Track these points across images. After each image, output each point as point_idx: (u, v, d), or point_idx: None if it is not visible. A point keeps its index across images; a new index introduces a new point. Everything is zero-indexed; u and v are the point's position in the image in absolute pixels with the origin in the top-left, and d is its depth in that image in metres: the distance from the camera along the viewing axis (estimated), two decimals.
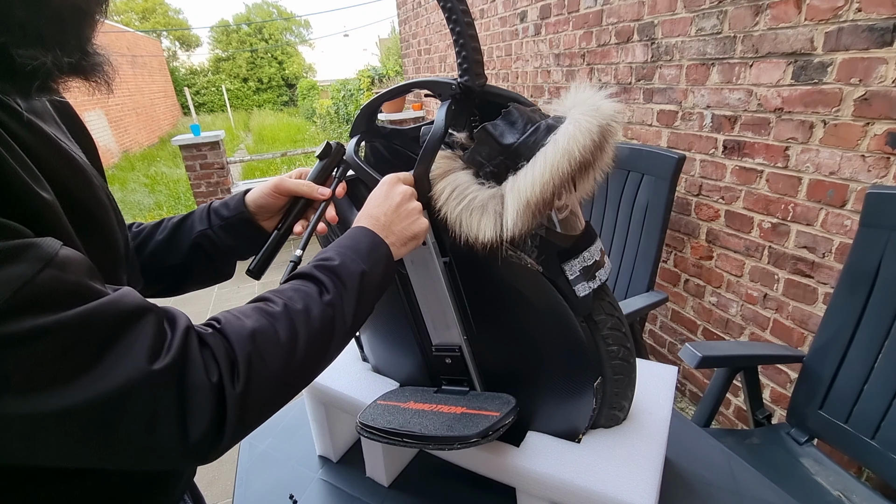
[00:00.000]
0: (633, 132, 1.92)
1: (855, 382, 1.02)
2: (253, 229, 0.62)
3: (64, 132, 0.48)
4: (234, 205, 0.62)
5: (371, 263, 0.50)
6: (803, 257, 1.36)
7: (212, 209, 0.62)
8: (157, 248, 0.61)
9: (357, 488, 0.79)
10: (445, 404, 0.64)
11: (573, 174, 0.50)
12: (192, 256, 0.61)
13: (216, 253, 0.62)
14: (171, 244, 0.61)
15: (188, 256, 0.61)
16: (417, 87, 0.63)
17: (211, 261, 0.62)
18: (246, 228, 0.61)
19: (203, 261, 0.62)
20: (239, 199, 0.62)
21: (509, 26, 2.74)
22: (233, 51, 22.21)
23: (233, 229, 0.61)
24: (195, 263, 0.62)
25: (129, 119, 11.22)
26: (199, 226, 0.61)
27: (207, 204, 0.63)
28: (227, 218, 0.61)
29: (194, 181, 3.82)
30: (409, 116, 4.34)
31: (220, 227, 0.61)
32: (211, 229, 0.61)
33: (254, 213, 0.61)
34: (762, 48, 1.35)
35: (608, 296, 0.62)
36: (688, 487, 0.73)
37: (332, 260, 0.48)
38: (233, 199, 0.62)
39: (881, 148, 1.13)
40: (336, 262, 0.48)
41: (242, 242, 0.62)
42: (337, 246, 0.50)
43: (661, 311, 1.99)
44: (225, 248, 0.61)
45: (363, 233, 0.52)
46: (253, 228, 0.62)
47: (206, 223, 0.61)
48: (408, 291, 0.66)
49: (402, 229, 0.54)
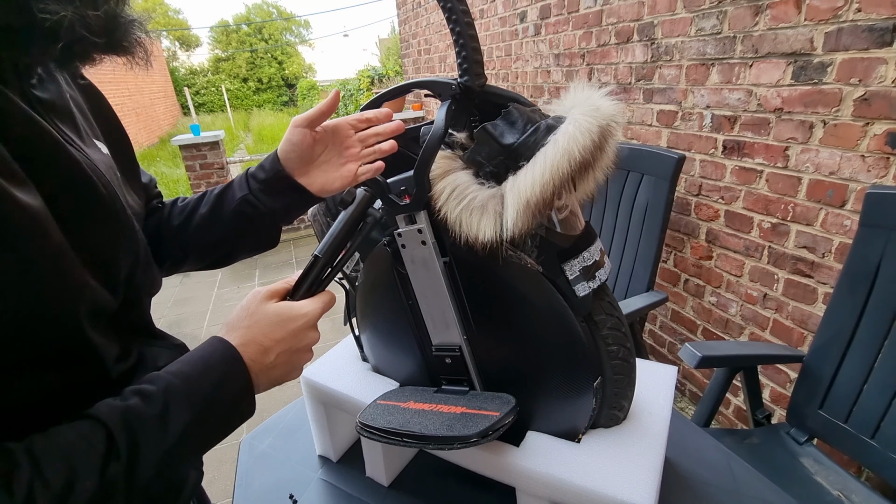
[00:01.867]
0: (633, 132, 1.92)
1: (855, 382, 1.03)
2: (292, 187, 0.59)
3: (81, 129, 0.46)
4: (269, 165, 0.59)
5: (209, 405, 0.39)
6: (803, 257, 1.36)
7: (249, 174, 0.60)
8: (202, 221, 0.60)
9: (357, 488, 0.79)
10: (445, 404, 0.64)
11: (573, 174, 0.50)
12: (235, 226, 0.59)
13: (259, 218, 0.59)
14: (215, 216, 0.60)
15: (232, 226, 0.59)
16: (417, 87, 0.63)
17: (255, 228, 0.60)
18: (285, 186, 0.59)
19: (248, 228, 0.60)
20: (273, 158, 0.59)
21: (509, 26, 2.74)
22: (233, 51, 22.21)
23: (272, 189, 0.59)
24: (240, 232, 0.60)
25: (129, 119, 11.21)
26: (238, 192, 0.59)
27: (246, 170, 0.61)
28: (265, 180, 0.59)
29: (194, 181, 3.82)
30: (409, 116, 4.35)
31: (260, 189, 0.58)
32: (251, 194, 0.58)
33: (287, 166, 0.58)
34: (762, 48, 1.35)
35: (608, 296, 0.62)
36: (688, 487, 0.73)
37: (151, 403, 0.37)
38: (267, 159, 0.60)
39: (881, 148, 1.13)
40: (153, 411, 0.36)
41: (283, 202, 0.60)
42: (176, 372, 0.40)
43: (661, 311, 1.99)
44: (267, 211, 0.59)
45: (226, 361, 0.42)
46: (291, 185, 0.59)
47: (245, 189, 0.59)
48: (408, 291, 0.67)
49: (279, 377, 0.46)
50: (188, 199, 0.64)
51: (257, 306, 0.46)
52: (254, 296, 0.47)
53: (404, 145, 0.69)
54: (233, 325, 0.45)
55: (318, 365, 0.85)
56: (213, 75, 21.89)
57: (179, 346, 0.56)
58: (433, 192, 0.56)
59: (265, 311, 0.46)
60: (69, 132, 0.43)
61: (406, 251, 0.62)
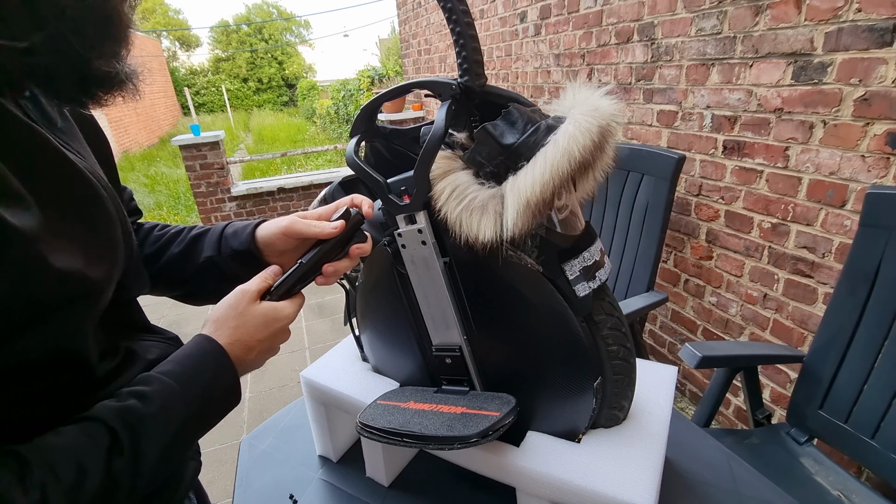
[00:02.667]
0: (633, 132, 1.92)
1: (855, 382, 1.03)
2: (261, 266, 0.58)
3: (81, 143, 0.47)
4: (244, 237, 0.59)
5: (203, 402, 0.43)
6: (803, 257, 1.36)
7: (224, 235, 0.60)
8: (172, 259, 0.61)
9: (357, 488, 0.79)
10: (445, 404, 0.64)
11: (573, 174, 0.50)
12: (201, 277, 0.60)
13: (223, 279, 0.60)
14: (184, 260, 0.60)
15: (198, 275, 0.60)
16: (417, 87, 0.63)
17: (218, 283, 0.61)
18: (254, 263, 0.59)
19: (211, 283, 0.61)
20: (249, 233, 0.59)
21: (509, 26, 2.74)
22: (233, 51, 22.21)
23: (240, 261, 0.59)
24: (204, 284, 0.61)
25: (129, 119, 11.22)
26: (208, 250, 0.60)
27: (223, 226, 0.61)
28: (236, 249, 0.59)
29: (194, 181, 3.82)
30: (409, 116, 4.35)
31: (229, 256, 0.59)
32: (219, 255, 0.59)
33: (262, 249, 0.59)
34: (762, 48, 1.35)
35: (608, 296, 0.62)
36: (688, 487, 0.73)
37: (149, 402, 0.39)
38: (245, 229, 0.60)
39: (881, 148, 1.13)
40: (151, 410, 0.39)
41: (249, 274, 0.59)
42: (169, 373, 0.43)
43: (661, 311, 2.00)
44: (232, 276, 0.59)
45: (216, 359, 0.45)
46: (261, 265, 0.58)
47: (215, 249, 0.60)
48: (408, 291, 0.67)
49: (254, 367, 0.50)
50: (166, 229, 0.63)
51: (245, 307, 0.49)
52: (242, 294, 0.49)
53: (404, 145, 0.69)
54: (220, 323, 0.47)
55: (318, 365, 0.85)
56: (214, 75, 21.91)
57: (174, 338, 0.57)
58: (433, 192, 0.56)
59: (253, 312, 0.48)
60: (67, 139, 0.43)
61: (406, 251, 0.62)
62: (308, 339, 2.70)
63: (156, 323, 0.56)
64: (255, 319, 0.48)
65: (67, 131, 0.45)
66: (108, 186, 0.45)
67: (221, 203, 3.93)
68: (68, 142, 0.43)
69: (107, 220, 0.42)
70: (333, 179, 0.81)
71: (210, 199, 3.89)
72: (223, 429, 2.01)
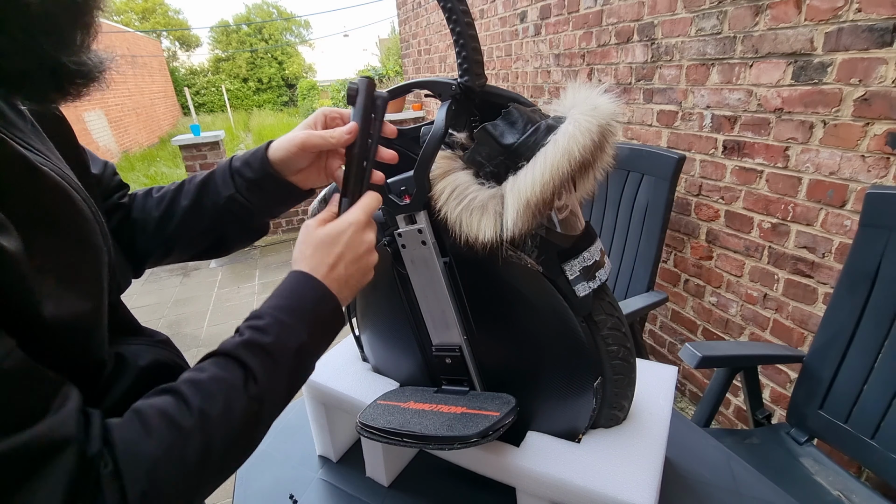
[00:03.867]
0: (633, 132, 1.92)
1: (855, 382, 1.03)
2: (282, 186, 0.57)
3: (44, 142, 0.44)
4: (257, 164, 0.56)
5: (313, 327, 0.46)
6: (803, 257, 1.36)
7: (234, 170, 0.57)
8: (185, 214, 0.58)
9: (357, 488, 0.79)
10: (445, 404, 0.64)
11: (573, 174, 0.50)
12: (222, 220, 0.58)
13: (247, 214, 0.58)
14: (199, 209, 0.58)
15: (219, 220, 0.58)
16: (417, 87, 0.63)
17: (243, 222, 0.59)
18: (275, 186, 0.57)
19: (235, 223, 0.59)
20: (262, 158, 0.56)
21: (509, 26, 2.74)
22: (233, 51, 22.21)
23: (260, 189, 0.57)
24: (228, 227, 0.59)
25: (129, 119, 11.22)
26: (224, 190, 0.57)
27: (227, 162, 0.58)
28: (253, 179, 0.56)
29: None
30: (409, 116, 4.35)
31: (247, 188, 0.57)
32: (238, 192, 0.57)
33: (279, 169, 0.56)
34: (762, 48, 1.35)
35: (608, 296, 0.62)
36: (688, 487, 0.73)
37: (265, 333, 0.43)
38: (255, 156, 0.57)
39: (881, 148, 1.13)
40: (269, 339, 0.42)
41: (273, 200, 0.59)
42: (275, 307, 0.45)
43: (661, 311, 2.00)
44: (255, 208, 0.58)
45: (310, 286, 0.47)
46: (282, 186, 0.57)
47: (231, 187, 0.57)
48: (408, 291, 0.67)
49: (356, 283, 0.51)
50: (163, 188, 0.61)
51: (310, 235, 0.50)
52: (305, 228, 0.51)
53: (404, 145, 0.69)
54: (298, 260, 0.49)
55: (318, 365, 0.84)
56: (214, 75, 21.90)
57: (163, 340, 0.55)
58: (433, 193, 0.56)
59: (318, 235, 0.49)
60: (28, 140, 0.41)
61: (406, 251, 0.62)
62: None
63: (155, 324, 0.55)
64: (322, 240, 0.49)
65: (27, 130, 0.42)
66: (78, 187, 0.42)
67: None
68: (31, 144, 0.41)
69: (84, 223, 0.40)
70: None
71: None
72: None
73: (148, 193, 0.62)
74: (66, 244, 0.38)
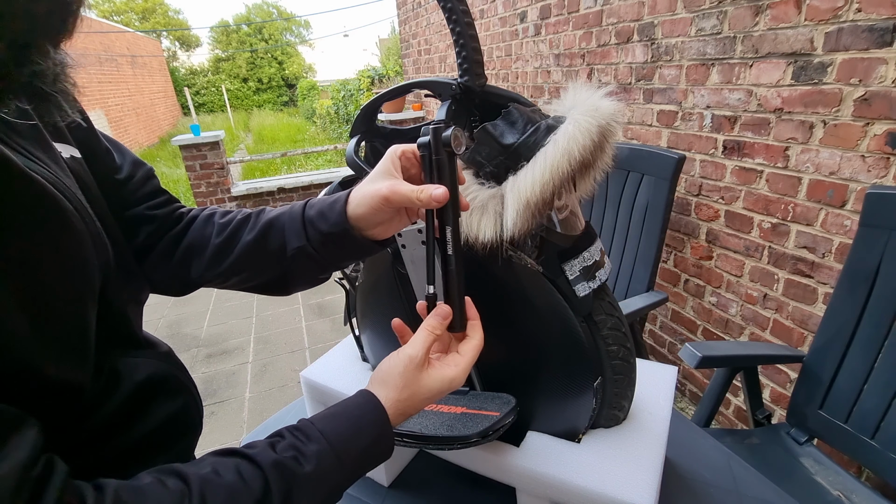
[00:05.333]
0: (633, 132, 1.92)
1: (855, 382, 1.03)
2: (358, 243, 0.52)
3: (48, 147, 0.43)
4: (334, 219, 0.51)
5: (359, 467, 0.42)
6: (803, 257, 1.36)
7: (307, 221, 0.52)
8: (248, 249, 0.54)
9: (357, 488, 0.79)
10: (445, 404, 0.64)
11: (573, 174, 0.50)
12: (288, 266, 0.54)
13: (315, 265, 0.54)
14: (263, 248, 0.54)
15: (283, 266, 0.54)
16: (417, 87, 0.63)
17: (309, 271, 0.55)
18: (350, 242, 0.51)
19: (300, 271, 0.55)
20: (340, 212, 0.50)
21: (509, 26, 2.74)
22: (233, 51, 22.21)
23: (334, 244, 0.52)
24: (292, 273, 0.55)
25: (129, 119, 11.23)
26: (295, 241, 0.52)
27: (301, 208, 0.54)
28: (327, 233, 0.51)
29: (194, 181, 3.82)
30: (409, 116, 4.35)
31: (320, 242, 0.52)
32: (310, 244, 0.52)
33: (357, 224, 0.51)
34: (762, 48, 1.35)
35: (608, 296, 0.62)
36: (688, 487, 0.73)
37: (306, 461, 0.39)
38: (332, 209, 0.51)
39: (881, 148, 1.13)
40: (306, 470, 0.39)
41: (347, 254, 0.55)
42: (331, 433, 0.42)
43: (661, 311, 2.00)
44: (325, 261, 0.54)
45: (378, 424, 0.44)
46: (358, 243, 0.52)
47: (303, 238, 0.52)
48: (408, 291, 0.67)
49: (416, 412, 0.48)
50: (229, 215, 0.58)
51: (415, 377, 0.46)
52: (409, 362, 0.46)
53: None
54: (390, 387, 0.45)
55: (318, 365, 0.85)
56: (213, 75, 21.91)
57: (166, 353, 0.53)
58: None
59: (426, 385, 0.46)
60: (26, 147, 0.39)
61: (406, 251, 0.62)
62: (308, 339, 2.70)
63: (155, 324, 0.54)
64: (428, 392, 0.46)
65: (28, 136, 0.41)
66: (74, 198, 0.40)
67: (221, 203, 3.93)
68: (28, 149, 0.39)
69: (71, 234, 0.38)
70: (333, 179, 0.81)
71: (210, 199, 3.89)
72: (223, 429, 2.01)
73: (212, 216, 0.58)
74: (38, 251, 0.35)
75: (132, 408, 0.44)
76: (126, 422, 0.43)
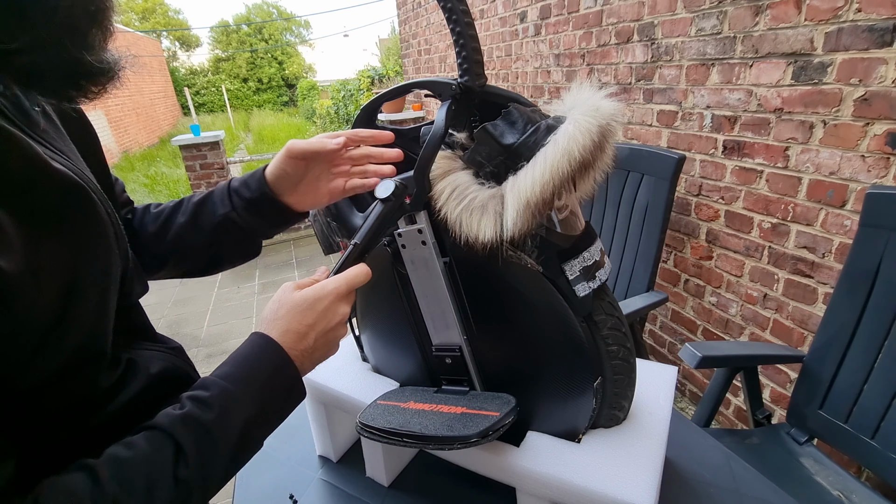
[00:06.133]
0: (633, 132, 1.92)
1: (855, 382, 1.03)
2: (277, 207, 0.58)
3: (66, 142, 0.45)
4: (254, 184, 0.57)
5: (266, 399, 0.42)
6: (803, 257, 1.36)
7: (232, 189, 0.58)
8: (181, 230, 0.59)
9: (357, 488, 0.79)
10: (445, 404, 0.64)
11: (573, 174, 0.50)
12: (217, 238, 0.59)
13: (241, 234, 0.59)
14: (195, 227, 0.59)
15: (213, 238, 0.58)
16: (417, 87, 0.63)
17: (237, 242, 0.60)
18: (270, 207, 0.58)
19: (229, 242, 0.59)
20: (259, 177, 0.57)
21: (509, 26, 2.74)
22: (233, 51, 22.21)
23: (256, 209, 0.58)
24: (222, 245, 0.59)
25: (129, 119, 11.22)
26: (221, 208, 0.58)
27: (227, 182, 0.59)
28: (250, 199, 0.57)
29: (194, 181, 3.82)
30: (409, 116, 4.35)
31: (244, 207, 0.57)
32: (235, 211, 0.57)
33: (275, 188, 0.57)
34: (762, 48, 1.35)
35: (608, 296, 0.62)
36: (688, 487, 0.73)
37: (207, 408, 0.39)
38: (252, 177, 0.58)
39: (881, 148, 1.13)
40: (210, 415, 0.39)
41: (268, 221, 0.60)
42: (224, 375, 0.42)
43: (661, 311, 1.99)
44: (250, 229, 0.59)
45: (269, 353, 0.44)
46: (277, 207, 0.58)
47: (228, 205, 0.58)
48: (408, 291, 0.67)
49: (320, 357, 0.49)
50: (162, 205, 0.62)
51: (287, 296, 0.47)
52: (283, 288, 0.49)
53: (404, 145, 0.69)
54: (268, 320, 0.47)
55: (318, 365, 0.85)
56: (214, 75, 21.91)
57: (176, 348, 0.55)
58: (433, 193, 0.56)
59: (294, 299, 0.47)
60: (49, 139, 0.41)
61: (406, 251, 0.62)
62: None
63: (155, 324, 0.55)
64: (297, 305, 0.46)
65: (50, 130, 0.43)
66: (97, 189, 0.43)
67: None
68: (51, 142, 0.41)
69: (97, 224, 0.40)
70: None
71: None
72: None
73: (147, 208, 0.62)
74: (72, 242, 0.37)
75: (146, 400, 0.45)
76: (139, 413, 0.44)
